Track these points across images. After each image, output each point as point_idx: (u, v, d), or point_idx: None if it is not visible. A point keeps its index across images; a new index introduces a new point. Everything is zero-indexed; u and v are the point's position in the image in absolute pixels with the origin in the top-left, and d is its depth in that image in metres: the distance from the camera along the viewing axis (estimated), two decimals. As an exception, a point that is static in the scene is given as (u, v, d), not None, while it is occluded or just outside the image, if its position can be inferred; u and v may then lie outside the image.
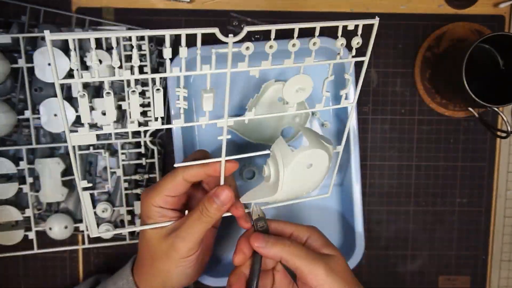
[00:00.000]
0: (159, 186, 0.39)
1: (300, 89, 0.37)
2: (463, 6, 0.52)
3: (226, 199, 0.38)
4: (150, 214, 0.39)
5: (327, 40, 0.47)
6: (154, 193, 0.39)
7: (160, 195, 0.39)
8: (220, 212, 0.38)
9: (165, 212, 0.39)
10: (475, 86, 0.43)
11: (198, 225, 0.38)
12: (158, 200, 0.39)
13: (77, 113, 0.48)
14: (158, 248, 0.39)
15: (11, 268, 0.53)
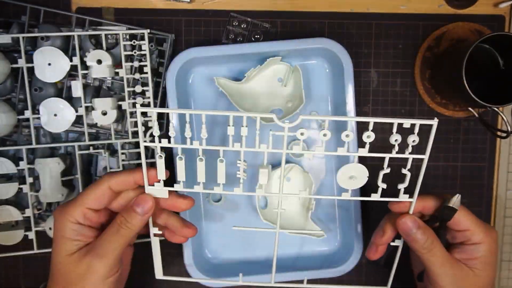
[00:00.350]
0: (78, 198, 0.36)
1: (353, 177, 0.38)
2: (463, 6, 0.52)
3: (148, 208, 0.36)
4: (64, 232, 0.36)
5: (327, 41, 0.47)
6: (72, 206, 0.36)
7: (80, 208, 0.36)
8: (142, 222, 0.36)
9: (82, 230, 0.36)
10: (475, 86, 0.43)
11: (117, 239, 0.35)
12: (77, 214, 0.36)
13: (77, 113, 0.48)
14: (73, 272, 0.35)
15: (11, 268, 0.53)
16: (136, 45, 0.48)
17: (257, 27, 0.51)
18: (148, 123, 0.49)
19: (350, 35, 0.52)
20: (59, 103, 0.47)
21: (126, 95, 0.48)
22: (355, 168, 0.38)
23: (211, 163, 0.52)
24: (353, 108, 0.48)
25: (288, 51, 0.49)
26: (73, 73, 0.49)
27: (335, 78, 0.50)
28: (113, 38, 0.49)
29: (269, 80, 0.51)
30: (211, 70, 0.51)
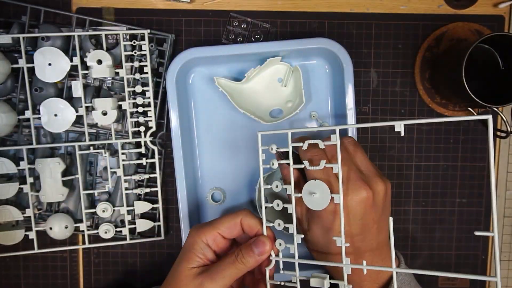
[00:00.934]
0: (215, 222, 0.40)
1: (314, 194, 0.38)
2: (463, 6, 0.52)
3: (265, 250, 0.39)
4: (194, 248, 0.40)
5: (327, 41, 0.48)
6: (207, 228, 0.40)
7: (214, 231, 0.40)
8: (256, 263, 0.39)
9: (207, 251, 0.40)
10: (475, 86, 0.43)
11: (231, 269, 0.38)
12: (209, 236, 0.40)
13: (78, 113, 0.48)
14: (186, 285, 0.38)
15: (11, 267, 0.53)
16: (136, 45, 0.48)
17: (257, 27, 0.51)
18: (148, 123, 0.49)
19: (350, 35, 0.52)
20: (59, 103, 0.47)
21: (126, 95, 0.48)
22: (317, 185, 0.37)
23: (217, 163, 0.52)
24: (353, 107, 0.48)
25: (288, 51, 0.49)
26: (73, 73, 0.49)
27: (335, 78, 0.50)
28: (113, 38, 0.50)
29: (269, 80, 0.51)
30: (211, 70, 0.51)
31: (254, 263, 0.39)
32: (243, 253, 0.39)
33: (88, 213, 0.50)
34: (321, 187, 0.37)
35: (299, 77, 0.49)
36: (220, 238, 0.40)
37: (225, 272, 0.38)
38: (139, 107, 0.49)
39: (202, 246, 0.40)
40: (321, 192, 0.37)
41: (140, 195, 0.51)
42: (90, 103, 0.48)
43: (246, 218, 0.40)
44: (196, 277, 0.38)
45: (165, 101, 0.51)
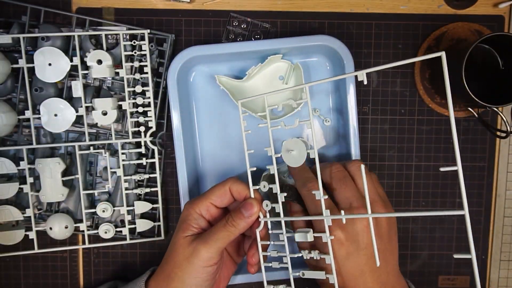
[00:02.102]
0: (206, 193, 0.42)
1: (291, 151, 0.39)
2: (463, 6, 0.52)
3: (253, 211, 0.40)
4: (187, 219, 0.42)
5: (327, 38, 0.48)
6: (200, 199, 0.42)
7: (206, 201, 0.42)
8: (246, 224, 0.40)
9: (201, 220, 0.42)
10: (475, 86, 0.43)
11: (222, 232, 0.40)
12: (202, 206, 0.42)
13: (78, 113, 0.48)
14: (181, 252, 0.40)
15: (11, 267, 0.53)
16: (136, 45, 0.48)
17: (257, 27, 0.51)
18: (148, 123, 0.49)
19: (350, 35, 0.52)
20: (59, 103, 0.47)
21: (126, 95, 0.48)
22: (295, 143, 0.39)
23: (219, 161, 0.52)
24: (354, 105, 0.48)
25: (288, 48, 0.49)
26: (73, 73, 0.49)
27: (336, 74, 0.51)
28: (113, 38, 0.50)
29: (270, 78, 0.51)
30: (212, 68, 0.51)
31: (244, 225, 0.40)
32: (233, 216, 0.40)
33: (88, 213, 0.50)
34: (298, 145, 0.39)
35: (300, 74, 0.49)
36: (212, 207, 0.42)
37: (217, 236, 0.40)
38: (139, 107, 0.49)
39: (196, 216, 0.42)
40: (299, 150, 0.38)
41: (140, 195, 0.51)
42: (90, 103, 0.48)
43: (234, 185, 0.42)
44: (190, 244, 0.40)
45: (165, 101, 0.51)
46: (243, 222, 0.40)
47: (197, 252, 0.39)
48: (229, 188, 0.42)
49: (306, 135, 0.52)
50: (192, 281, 0.40)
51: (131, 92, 0.49)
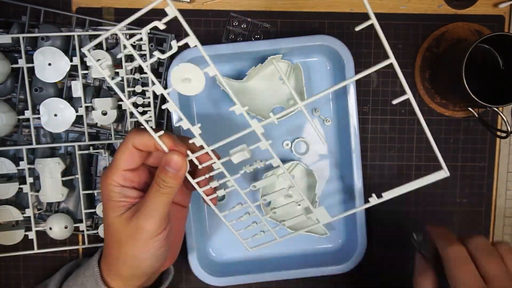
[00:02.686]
0: (114, 162, 0.37)
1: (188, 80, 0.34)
2: (463, 6, 0.52)
3: (178, 165, 0.35)
4: (110, 196, 0.37)
5: (327, 38, 0.48)
6: (110, 171, 0.37)
7: (118, 171, 0.36)
8: (178, 179, 0.36)
9: (126, 191, 0.37)
10: (475, 86, 0.43)
11: (159, 198, 0.35)
12: (116, 177, 0.36)
13: (77, 113, 0.48)
14: (123, 232, 0.36)
15: (11, 267, 0.53)
16: (136, 45, 0.48)
17: (257, 27, 0.51)
18: (148, 123, 0.49)
19: (350, 35, 0.52)
20: (59, 103, 0.47)
21: (126, 95, 0.48)
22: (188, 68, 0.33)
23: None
24: (354, 105, 0.48)
25: (288, 48, 0.49)
26: (73, 73, 0.49)
27: (336, 74, 0.51)
28: (113, 38, 0.50)
29: (270, 78, 0.51)
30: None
31: (178, 181, 0.36)
32: (161, 177, 0.35)
33: (88, 213, 0.50)
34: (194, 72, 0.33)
35: (300, 74, 0.49)
36: (129, 173, 0.37)
37: (155, 204, 0.35)
38: (139, 107, 0.49)
39: (117, 189, 0.37)
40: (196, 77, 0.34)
41: (140, 195, 0.51)
42: (90, 103, 0.48)
43: (135, 140, 0.36)
44: (129, 222, 0.36)
45: (165, 101, 0.51)
46: (173, 180, 0.35)
47: (141, 228, 0.35)
48: (132, 145, 0.36)
49: (306, 135, 0.52)
50: (146, 254, 0.36)
51: (131, 92, 0.49)
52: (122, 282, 0.39)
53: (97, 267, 0.40)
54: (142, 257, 0.37)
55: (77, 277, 0.41)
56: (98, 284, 0.39)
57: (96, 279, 0.39)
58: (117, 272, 0.38)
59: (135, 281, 0.39)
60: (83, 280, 0.40)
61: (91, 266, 0.40)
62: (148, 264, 0.37)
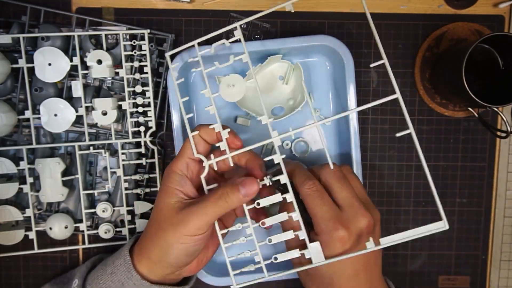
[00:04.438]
0: (181, 151, 0.40)
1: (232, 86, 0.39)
2: (463, 6, 0.52)
3: (251, 192, 0.37)
4: (170, 182, 0.39)
5: (327, 38, 0.48)
6: (177, 160, 0.40)
7: (183, 159, 0.39)
8: (240, 203, 0.38)
9: (184, 182, 0.39)
10: (475, 86, 0.43)
11: (214, 207, 0.37)
12: (181, 165, 0.39)
13: (77, 113, 0.48)
14: (168, 220, 0.38)
15: (11, 267, 0.53)
16: (136, 45, 0.48)
17: (257, 27, 0.51)
18: (148, 123, 0.49)
19: (350, 35, 0.52)
20: (59, 103, 0.47)
21: (126, 95, 0.48)
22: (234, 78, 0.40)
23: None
24: (354, 104, 0.48)
25: (288, 48, 0.49)
26: (73, 73, 0.49)
27: (336, 74, 0.51)
28: (113, 38, 0.50)
29: (270, 78, 0.51)
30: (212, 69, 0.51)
31: (239, 203, 0.38)
32: (228, 192, 0.37)
33: (88, 213, 0.50)
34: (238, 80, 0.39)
35: (300, 74, 0.49)
36: (192, 162, 0.40)
37: (207, 209, 0.37)
38: (139, 107, 0.49)
39: (177, 177, 0.39)
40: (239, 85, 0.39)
41: (140, 195, 0.51)
42: (90, 103, 0.48)
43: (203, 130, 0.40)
44: (177, 212, 0.38)
45: (165, 101, 0.51)
46: (237, 200, 0.37)
47: (185, 222, 0.37)
48: (199, 135, 0.40)
49: (307, 135, 0.52)
50: (180, 246, 0.38)
51: (131, 92, 0.49)
52: (149, 266, 0.40)
53: (128, 256, 0.41)
54: (175, 246, 0.38)
55: (106, 266, 0.43)
56: (129, 271, 0.40)
57: (127, 266, 0.40)
58: (148, 255, 0.40)
59: (161, 268, 0.40)
60: (113, 269, 0.42)
61: (122, 255, 0.42)
62: (177, 255, 0.38)
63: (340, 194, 0.39)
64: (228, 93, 0.39)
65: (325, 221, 0.38)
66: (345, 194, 0.39)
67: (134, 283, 0.40)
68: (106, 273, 0.42)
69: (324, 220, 0.38)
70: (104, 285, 0.42)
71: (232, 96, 0.39)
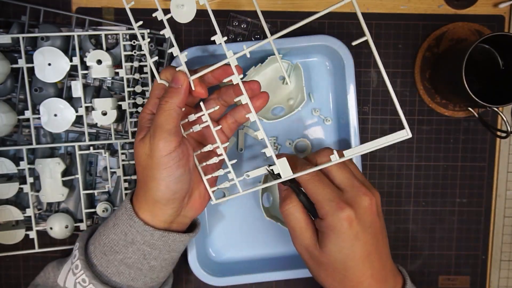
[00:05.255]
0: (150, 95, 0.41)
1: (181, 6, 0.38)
2: (463, 6, 0.52)
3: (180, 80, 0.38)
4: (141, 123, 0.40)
5: (327, 38, 0.48)
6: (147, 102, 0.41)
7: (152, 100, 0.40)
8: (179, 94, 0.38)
9: None
10: (475, 86, 0.43)
11: (162, 114, 0.37)
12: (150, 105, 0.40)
13: (77, 113, 0.48)
14: (143, 154, 0.38)
15: (12, 267, 0.53)
16: (136, 45, 0.48)
17: (257, 27, 0.51)
18: (148, 123, 0.49)
19: (350, 35, 0.52)
20: (59, 103, 0.47)
21: (126, 95, 0.48)
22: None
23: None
24: (354, 105, 0.48)
25: (288, 48, 0.49)
26: (73, 73, 0.49)
27: (336, 74, 0.51)
28: (113, 38, 0.50)
29: (270, 78, 0.51)
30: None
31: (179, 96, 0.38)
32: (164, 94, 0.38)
33: (88, 213, 0.50)
34: None
35: (300, 74, 0.49)
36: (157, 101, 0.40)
37: (159, 120, 0.37)
38: (139, 107, 0.49)
39: (148, 117, 0.40)
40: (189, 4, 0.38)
41: (140, 195, 0.51)
42: (90, 103, 0.48)
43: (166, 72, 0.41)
44: (144, 143, 0.38)
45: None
46: (173, 94, 0.38)
47: (153, 145, 0.37)
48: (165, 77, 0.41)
49: (307, 133, 0.52)
50: (163, 174, 0.37)
51: (131, 92, 0.49)
52: (150, 211, 0.40)
53: (129, 204, 0.41)
54: (160, 177, 0.38)
55: (107, 222, 0.42)
56: (131, 218, 0.40)
57: (129, 214, 0.40)
58: (144, 200, 0.40)
59: (160, 210, 0.39)
60: (115, 221, 0.41)
61: (123, 205, 0.41)
62: (167, 186, 0.38)
63: (339, 176, 0.40)
64: (178, 14, 0.37)
65: (329, 203, 0.38)
66: (344, 176, 0.39)
67: (137, 230, 0.39)
68: (108, 227, 0.41)
69: (328, 202, 0.38)
70: (107, 239, 0.40)
71: (183, 16, 0.38)
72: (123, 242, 0.40)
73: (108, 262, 0.40)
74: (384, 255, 0.40)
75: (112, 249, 0.40)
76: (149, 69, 0.48)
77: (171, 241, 0.40)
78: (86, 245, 0.42)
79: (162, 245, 0.40)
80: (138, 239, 0.40)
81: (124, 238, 0.40)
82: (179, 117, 0.38)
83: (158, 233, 0.40)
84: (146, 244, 0.40)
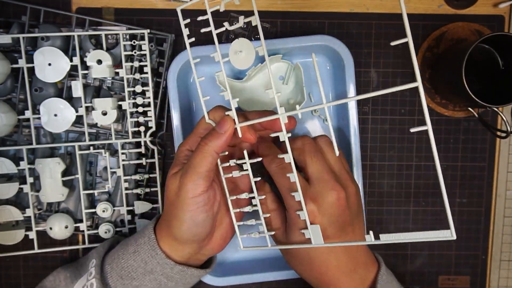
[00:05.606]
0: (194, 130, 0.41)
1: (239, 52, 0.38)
2: (463, 6, 0.52)
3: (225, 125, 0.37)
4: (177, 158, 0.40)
5: (327, 38, 0.48)
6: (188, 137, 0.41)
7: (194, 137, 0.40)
8: (219, 141, 0.37)
9: None
10: (475, 86, 0.43)
11: (198, 156, 0.37)
12: (191, 142, 0.40)
13: (77, 113, 0.48)
14: (172, 190, 0.38)
15: (11, 267, 0.53)
16: (136, 45, 0.48)
17: (257, 27, 0.51)
18: (148, 123, 0.49)
19: (350, 35, 0.52)
20: (59, 103, 0.47)
21: (126, 95, 0.48)
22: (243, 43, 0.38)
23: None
24: (354, 105, 0.48)
25: (288, 48, 0.49)
26: (73, 73, 0.49)
27: (337, 74, 0.51)
28: (113, 38, 0.50)
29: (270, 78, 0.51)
30: (212, 69, 0.51)
31: (218, 143, 0.37)
32: (205, 136, 0.38)
33: (88, 213, 0.50)
34: (246, 45, 0.37)
35: (300, 74, 0.49)
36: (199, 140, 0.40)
37: (194, 161, 0.37)
38: (139, 107, 0.49)
39: (186, 153, 0.40)
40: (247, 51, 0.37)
41: (140, 195, 0.51)
42: (90, 103, 0.48)
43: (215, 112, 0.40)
44: (175, 179, 0.38)
45: (165, 101, 0.51)
46: (216, 138, 0.37)
47: (182, 184, 0.37)
48: (213, 117, 0.40)
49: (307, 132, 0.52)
50: (186, 215, 0.37)
51: (131, 92, 0.49)
52: (170, 245, 0.40)
53: (153, 234, 0.41)
54: (182, 218, 0.38)
55: (127, 246, 0.42)
56: (154, 249, 0.40)
57: (152, 244, 0.40)
58: (166, 233, 0.40)
59: (181, 246, 0.40)
60: (135, 248, 0.41)
61: (145, 233, 0.41)
62: (188, 228, 0.38)
63: (310, 167, 0.39)
64: (237, 60, 0.38)
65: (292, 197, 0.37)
66: (315, 168, 0.39)
67: (158, 262, 0.40)
68: (128, 252, 0.41)
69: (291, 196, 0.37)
70: (126, 264, 0.41)
71: (242, 62, 0.38)
72: (142, 270, 0.40)
73: (124, 286, 0.41)
74: (353, 247, 0.40)
75: (130, 275, 0.41)
76: (149, 69, 0.48)
77: (189, 275, 0.41)
78: (102, 262, 0.43)
79: (179, 279, 0.41)
80: (157, 270, 0.40)
81: (143, 267, 0.40)
82: (214, 162, 0.38)
83: (178, 268, 0.40)
84: (164, 275, 0.40)
